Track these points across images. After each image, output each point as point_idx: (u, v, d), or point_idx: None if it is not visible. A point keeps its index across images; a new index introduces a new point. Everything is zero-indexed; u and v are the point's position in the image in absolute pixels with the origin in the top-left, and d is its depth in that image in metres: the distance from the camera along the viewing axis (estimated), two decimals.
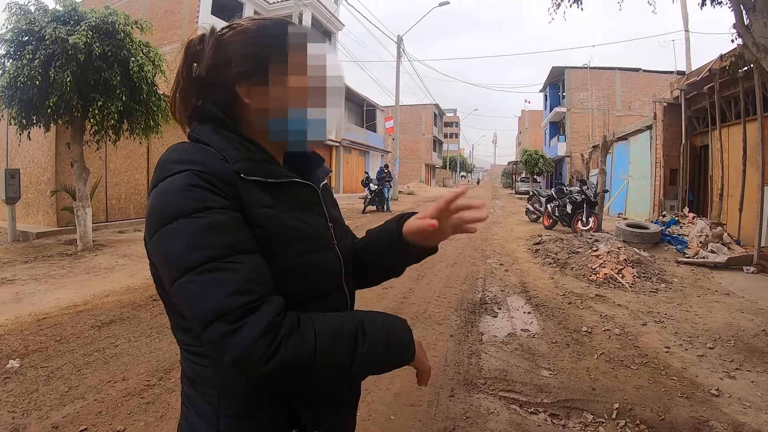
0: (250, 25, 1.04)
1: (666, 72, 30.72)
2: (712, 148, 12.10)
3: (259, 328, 0.80)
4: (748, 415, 3.28)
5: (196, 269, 0.83)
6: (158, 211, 0.88)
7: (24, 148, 10.89)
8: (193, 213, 0.85)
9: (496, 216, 19.68)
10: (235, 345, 0.80)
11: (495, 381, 3.80)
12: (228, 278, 0.82)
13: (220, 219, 0.86)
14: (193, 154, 0.93)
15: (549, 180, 44.40)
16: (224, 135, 0.99)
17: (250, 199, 0.93)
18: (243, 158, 0.96)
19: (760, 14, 5.58)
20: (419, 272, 7.81)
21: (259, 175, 0.96)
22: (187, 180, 0.87)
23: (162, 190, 0.89)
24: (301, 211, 1.03)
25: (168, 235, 0.86)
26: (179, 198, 0.86)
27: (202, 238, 0.84)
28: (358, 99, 37.68)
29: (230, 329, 0.80)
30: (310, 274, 1.00)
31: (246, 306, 0.81)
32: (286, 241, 0.96)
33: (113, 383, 3.59)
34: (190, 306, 0.85)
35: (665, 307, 6.01)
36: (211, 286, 0.82)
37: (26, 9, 7.81)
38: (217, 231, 0.85)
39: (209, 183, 0.88)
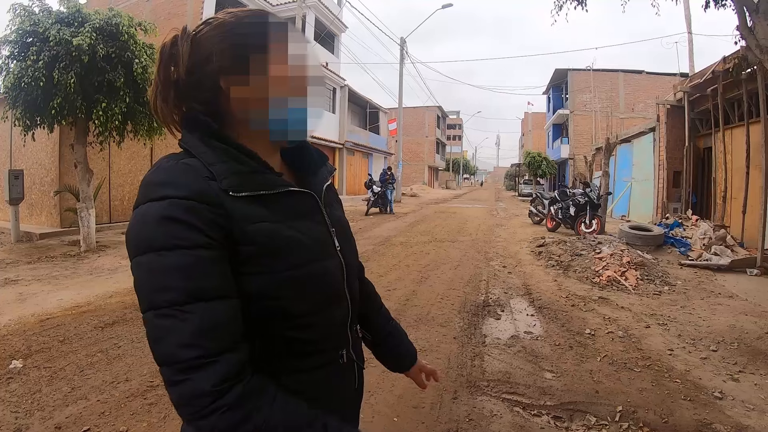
0: (227, 17, 1.02)
1: (669, 74, 30.66)
2: (715, 150, 12.06)
3: (198, 390, 0.79)
4: (752, 418, 3.27)
5: (154, 310, 0.82)
6: (132, 238, 0.87)
7: (28, 149, 10.93)
8: (161, 249, 0.83)
9: (499, 218, 19.68)
10: (175, 396, 0.81)
11: (498, 383, 3.79)
12: (180, 327, 0.80)
13: (186, 261, 0.83)
14: (176, 174, 0.89)
15: (552, 182, 44.35)
16: (212, 145, 0.96)
17: (241, 216, 0.90)
18: (232, 173, 0.92)
19: (763, 16, 5.57)
20: (422, 275, 7.81)
21: (249, 190, 0.93)
22: (163, 211, 0.84)
23: (139, 216, 0.87)
24: (299, 221, 1.00)
25: (137, 267, 0.85)
26: (151, 230, 0.84)
27: (164, 279, 0.82)
28: (362, 101, 37.66)
29: (174, 380, 0.80)
30: (311, 285, 0.98)
31: (191, 361, 0.79)
32: (284, 254, 0.94)
33: (116, 384, 3.59)
34: (149, 342, 0.84)
35: (668, 309, 6.00)
36: (164, 332, 0.81)
37: (30, 10, 7.85)
38: (180, 274, 0.82)
39: (187, 213, 0.85)
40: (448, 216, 19.86)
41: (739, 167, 10.50)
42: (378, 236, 12.61)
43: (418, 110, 64.57)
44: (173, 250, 0.83)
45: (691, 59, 18.28)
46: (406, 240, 12.02)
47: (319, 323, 1.01)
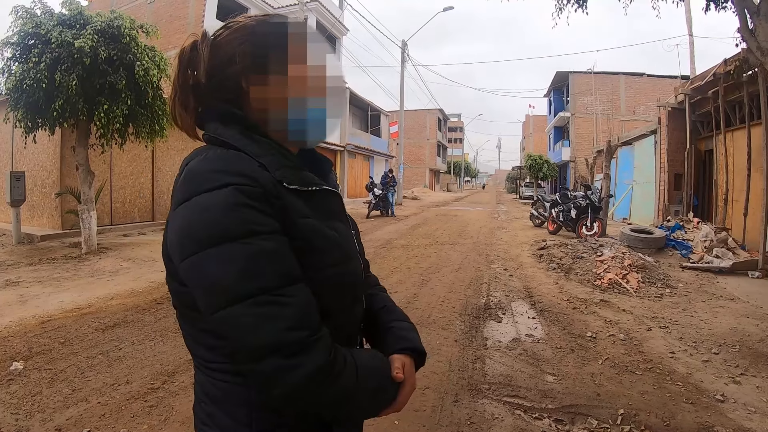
0: (248, 21, 1.01)
1: (670, 76, 30.69)
2: (716, 152, 12.06)
3: (313, 369, 0.81)
4: (754, 421, 3.26)
5: (246, 300, 0.80)
6: (198, 232, 0.83)
7: (29, 151, 10.95)
8: (240, 238, 0.81)
9: (500, 221, 19.68)
10: (288, 382, 0.80)
11: (499, 386, 3.79)
12: (281, 312, 0.80)
13: (269, 246, 0.82)
14: (232, 163, 0.87)
15: (553, 185, 44.38)
16: (255, 139, 0.95)
17: (294, 209, 0.90)
18: (282, 166, 0.93)
19: (764, 18, 5.57)
20: (424, 277, 7.81)
21: (298, 184, 0.93)
22: (231, 198, 0.82)
23: (201, 207, 0.83)
24: (334, 220, 1.01)
25: (211, 260, 0.81)
26: (225, 219, 0.81)
27: (252, 267, 0.80)
28: (363, 104, 37.69)
29: (285, 365, 0.80)
30: (345, 284, 1.00)
31: (300, 343, 0.80)
32: (326, 252, 0.94)
33: (117, 386, 3.59)
34: (238, 338, 0.81)
35: (670, 312, 5.99)
36: (265, 320, 0.80)
37: (32, 13, 7.86)
38: (267, 259, 0.82)
39: (256, 200, 0.84)
40: (450, 219, 19.86)
41: (741, 169, 10.50)
42: (379, 239, 12.61)
43: (420, 113, 64.60)
44: (255, 236, 0.82)
45: (692, 62, 18.26)
46: (408, 243, 12.02)
47: (347, 321, 1.04)
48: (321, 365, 0.81)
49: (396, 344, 1.14)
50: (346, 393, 0.86)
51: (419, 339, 1.20)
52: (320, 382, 0.81)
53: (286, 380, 0.80)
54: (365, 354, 0.99)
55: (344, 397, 0.87)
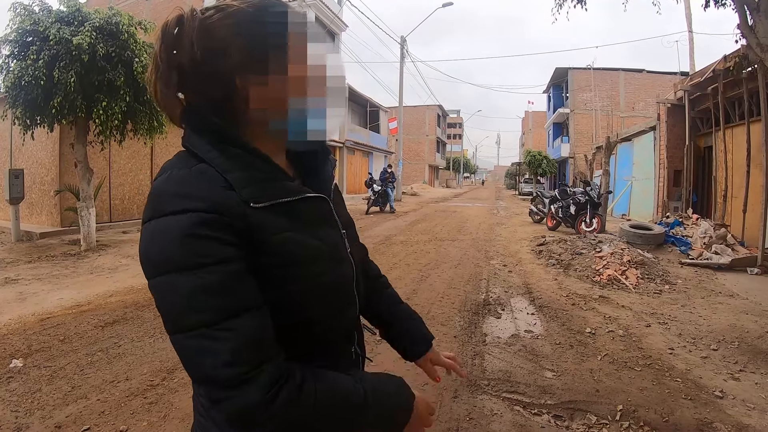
0: (244, 6, 0.92)
1: (670, 73, 30.69)
2: (716, 149, 12.06)
3: (248, 404, 0.78)
4: (752, 417, 3.27)
5: (186, 332, 0.79)
6: (150, 257, 0.83)
7: (28, 148, 10.93)
8: (186, 269, 0.79)
9: (499, 217, 19.67)
10: (226, 411, 0.80)
11: (498, 382, 3.79)
12: (218, 347, 0.78)
13: (214, 279, 0.79)
14: (192, 185, 0.84)
15: (552, 181, 44.34)
16: (226, 151, 0.89)
17: (263, 227, 0.87)
18: (251, 182, 0.88)
19: (764, 15, 5.56)
20: (423, 273, 7.81)
21: (270, 199, 0.89)
22: (184, 226, 0.80)
23: (157, 232, 0.82)
24: (318, 228, 0.98)
25: (159, 288, 0.82)
26: (172, 248, 0.80)
27: (193, 301, 0.79)
28: (362, 100, 37.64)
29: (219, 397, 0.79)
30: (332, 291, 0.98)
31: (236, 378, 0.78)
32: (307, 263, 0.92)
33: (116, 383, 3.59)
34: (183, 362, 0.82)
35: (669, 308, 6.00)
36: (201, 353, 0.79)
37: (31, 10, 7.85)
38: (210, 293, 0.79)
39: (210, 228, 0.81)
40: (449, 215, 19.86)
41: (740, 166, 10.50)
42: (378, 235, 12.61)
43: (419, 109, 64.62)
44: (199, 269, 0.79)
45: (692, 58, 18.27)
46: (407, 239, 12.02)
47: (337, 325, 1.02)
48: (257, 402, 0.78)
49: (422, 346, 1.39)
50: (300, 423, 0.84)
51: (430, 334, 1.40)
52: (257, 416, 0.79)
53: (224, 410, 0.80)
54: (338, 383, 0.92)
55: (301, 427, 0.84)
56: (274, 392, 0.80)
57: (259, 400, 0.78)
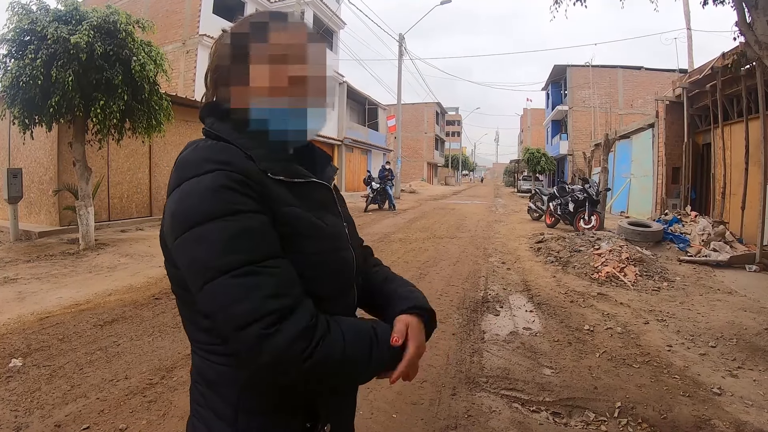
0: (236, 23, 1.08)
1: (668, 70, 30.65)
2: (714, 146, 12.06)
3: (296, 333, 0.85)
4: (750, 414, 3.28)
5: (230, 272, 0.85)
6: (185, 213, 0.89)
7: (26, 147, 10.90)
8: (224, 216, 0.86)
9: (497, 215, 19.68)
10: (272, 348, 0.84)
11: (497, 379, 3.80)
12: (263, 282, 0.85)
13: (251, 223, 0.88)
14: (218, 152, 0.94)
15: (551, 178, 44.37)
16: (246, 132, 1.01)
17: (278, 198, 0.95)
18: (268, 158, 0.98)
19: (762, 12, 5.56)
20: (421, 271, 7.82)
21: (283, 175, 0.99)
22: (217, 180, 0.88)
23: (189, 191, 0.89)
24: (321, 211, 1.05)
25: (198, 238, 0.87)
26: (209, 200, 0.87)
27: (235, 242, 0.86)
28: (360, 98, 37.60)
29: (267, 332, 0.83)
30: (331, 272, 1.03)
31: (282, 310, 0.85)
32: (309, 240, 0.98)
33: (116, 382, 3.59)
34: (222, 308, 0.86)
35: (667, 305, 6.01)
36: (247, 290, 0.84)
37: (28, 8, 7.81)
38: (250, 235, 0.87)
39: (238, 184, 0.89)
40: (447, 212, 19.86)
41: (738, 163, 10.50)
42: (377, 233, 12.61)
43: (417, 106, 64.55)
44: (237, 215, 0.87)
45: (690, 55, 18.26)
46: (405, 236, 12.03)
47: (339, 308, 1.05)
48: (302, 329, 0.85)
49: (399, 305, 1.14)
50: (333, 357, 0.89)
51: (425, 298, 1.20)
52: (304, 347, 0.85)
53: (271, 345, 0.84)
54: (353, 320, 1.02)
55: (333, 361, 0.90)
56: (315, 320, 0.89)
57: (307, 326, 0.86)
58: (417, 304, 1.15)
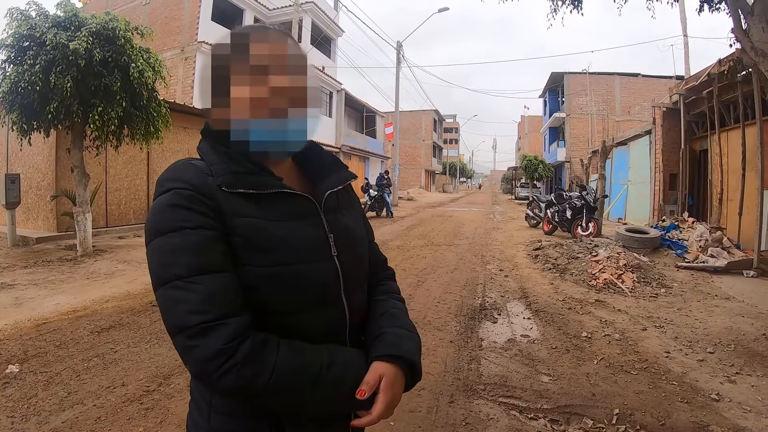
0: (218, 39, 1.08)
1: (665, 77, 30.80)
2: (711, 152, 12.10)
3: (209, 353, 0.88)
4: (749, 420, 3.28)
5: (165, 284, 0.93)
6: (147, 228, 0.98)
7: (24, 153, 10.90)
8: (169, 232, 0.94)
9: (495, 222, 19.70)
10: (191, 360, 0.91)
11: (495, 387, 3.80)
12: (188, 297, 0.91)
13: (190, 239, 0.93)
14: (180, 171, 1.01)
15: (549, 185, 44.44)
16: (217, 149, 1.06)
17: (231, 210, 0.99)
18: (228, 172, 1.01)
19: (758, 19, 5.59)
20: (419, 278, 7.82)
21: (242, 187, 1.01)
22: (169, 200, 0.96)
23: (153, 207, 0.99)
24: (291, 221, 1.04)
25: (150, 251, 0.96)
26: (161, 216, 0.96)
27: (172, 257, 0.93)
28: (358, 105, 37.66)
29: (187, 345, 0.90)
30: (297, 284, 1.01)
31: (200, 325, 0.89)
32: (268, 249, 0.99)
33: (112, 389, 3.58)
34: (162, 315, 0.95)
35: (665, 311, 6.01)
36: (174, 303, 0.92)
37: (27, 15, 7.84)
38: (186, 251, 0.93)
39: (188, 200, 0.96)
40: (445, 219, 19.87)
41: (735, 169, 10.54)
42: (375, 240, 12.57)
43: (415, 114, 64.67)
44: (179, 231, 0.94)
45: (687, 62, 18.33)
46: (403, 244, 12.03)
47: (311, 324, 1.04)
48: (216, 350, 0.88)
49: (381, 350, 1.08)
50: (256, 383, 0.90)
51: (414, 349, 1.13)
52: (217, 366, 0.88)
53: (189, 359, 0.91)
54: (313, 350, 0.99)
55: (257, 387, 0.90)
56: (235, 344, 0.90)
57: (220, 349, 0.88)
58: (399, 354, 1.08)
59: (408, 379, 1.10)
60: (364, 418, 1.03)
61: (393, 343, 1.10)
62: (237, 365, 0.88)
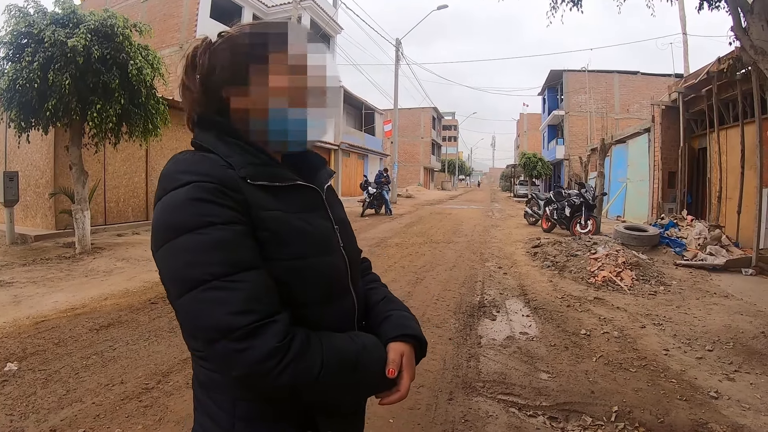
0: (235, 30, 1.08)
1: (664, 75, 30.80)
2: (710, 150, 12.10)
3: (264, 353, 0.84)
4: (748, 417, 3.28)
5: (198, 287, 0.85)
6: (163, 226, 0.90)
7: (23, 150, 10.89)
8: (196, 229, 0.87)
9: (494, 219, 19.70)
10: (241, 364, 0.85)
11: (494, 384, 3.80)
12: (230, 297, 0.85)
13: (222, 235, 0.88)
14: (195, 163, 0.95)
15: (547, 183, 44.41)
16: (227, 141, 1.02)
17: (257, 203, 0.95)
18: (248, 163, 0.99)
19: (757, 17, 5.59)
20: (418, 276, 7.82)
21: (264, 180, 0.99)
22: (191, 193, 0.89)
23: (167, 204, 0.91)
24: (308, 214, 1.05)
25: (172, 251, 0.89)
26: (183, 212, 0.88)
27: (204, 255, 0.86)
28: (357, 102, 37.67)
29: (235, 348, 0.84)
30: (317, 276, 1.02)
31: (249, 327, 0.84)
32: (292, 243, 0.98)
33: (111, 386, 3.58)
34: (194, 322, 0.88)
35: (664, 309, 6.01)
36: (214, 305, 0.85)
37: (25, 12, 7.81)
38: (220, 248, 0.87)
39: (213, 194, 0.90)
40: (444, 217, 19.87)
41: (734, 167, 10.54)
42: (373, 237, 12.61)
43: (414, 111, 64.64)
44: (208, 227, 0.87)
45: (686, 60, 18.33)
46: (402, 241, 12.02)
47: (328, 315, 1.05)
48: (271, 349, 0.84)
49: (393, 331, 1.13)
50: (308, 378, 0.88)
51: (419, 327, 1.19)
52: (272, 366, 0.84)
53: (239, 363, 0.85)
54: (340, 341, 0.99)
55: (308, 383, 0.89)
56: (288, 340, 0.87)
57: (276, 347, 0.85)
58: (412, 333, 1.14)
59: (417, 355, 1.16)
60: (395, 394, 1.06)
61: (402, 324, 1.16)
62: (293, 362, 0.86)
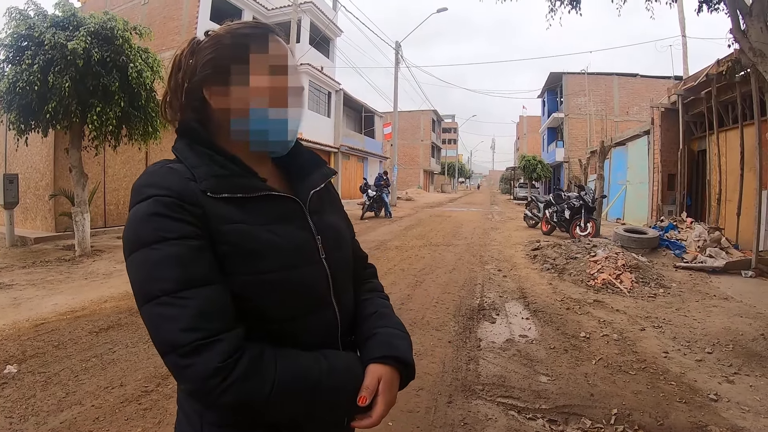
0: (220, 30, 1.07)
1: (664, 77, 30.85)
2: (709, 152, 12.12)
3: (206, 370, 0.83)
4: (747, 420, 3.28)
5: (151, 301, 0.86)
6: (126, 239, 0.92)
7: (22, 153, 10.90)
8: (151, 244, 0.88)
9: (494, 222, 19.70)
10: (187, 379, 0.86)
11: (493, 387, 3.79)
12: (178, 314, 0.85)
13: (174, 251, 0.88)
14: (159, 177, 0.95)
15: (547, 185, 44.45)
16: (197, 150, 1.01)
17: (218, 216, 0.94)
18: (211, 175, 0.97)
19: (756, 19, 5.60)
20: (417, 279, 7.81)
21: (227, 192, 0.97)
22: (150, 208, 0.90)
23: (131, 217, 0.93)
24: (279, 225, 1.01)
25: (131, 264, 0.90)
26: (142, 227, 0.90)
27: (156, 271, 0.87)
28: (357, 105, 37.67)
29: (180, 364, 0.85)
30: (286, 291, 0.98)
31: (193, 344, 0.84)
32: (258, 257, 0.95)
33: (111, 389, 3.57)
34: (150, 332, 0.88)
35: (663, 312, 6.01)
36: (162, 320, 0.86)
37: (26, 14, 7.83)
38: (171, 264, 0.87)
39: (170, 209, 0.90)
40: (444, 220, 19.87)
41: (734, 169, 10.55)
42: (373, 240, 12.61)
43: (414, 114, 64.67)
44: (162, 242, 0.88)
45: (686, 62, 18.34)
46: (401, 244, 12.02)
47: (304, 330, 1.02)
48: (214, 368, 0.83)
49: (376, 351, 1.07)
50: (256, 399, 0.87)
51: (408, 348, 1.12)
52: (215, 385, 0.83)
53: (184, 377, 0.86)
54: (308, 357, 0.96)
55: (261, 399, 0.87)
56: (233, 360, 0.85)
57: (219, 366, 0.84)
58: (395, 355, 1.07)
59: (402, 378, 1.09)
60: (365, 421, 1.01)
61: (387, 344, 1.09)
62: (236, 382, 0.84)
